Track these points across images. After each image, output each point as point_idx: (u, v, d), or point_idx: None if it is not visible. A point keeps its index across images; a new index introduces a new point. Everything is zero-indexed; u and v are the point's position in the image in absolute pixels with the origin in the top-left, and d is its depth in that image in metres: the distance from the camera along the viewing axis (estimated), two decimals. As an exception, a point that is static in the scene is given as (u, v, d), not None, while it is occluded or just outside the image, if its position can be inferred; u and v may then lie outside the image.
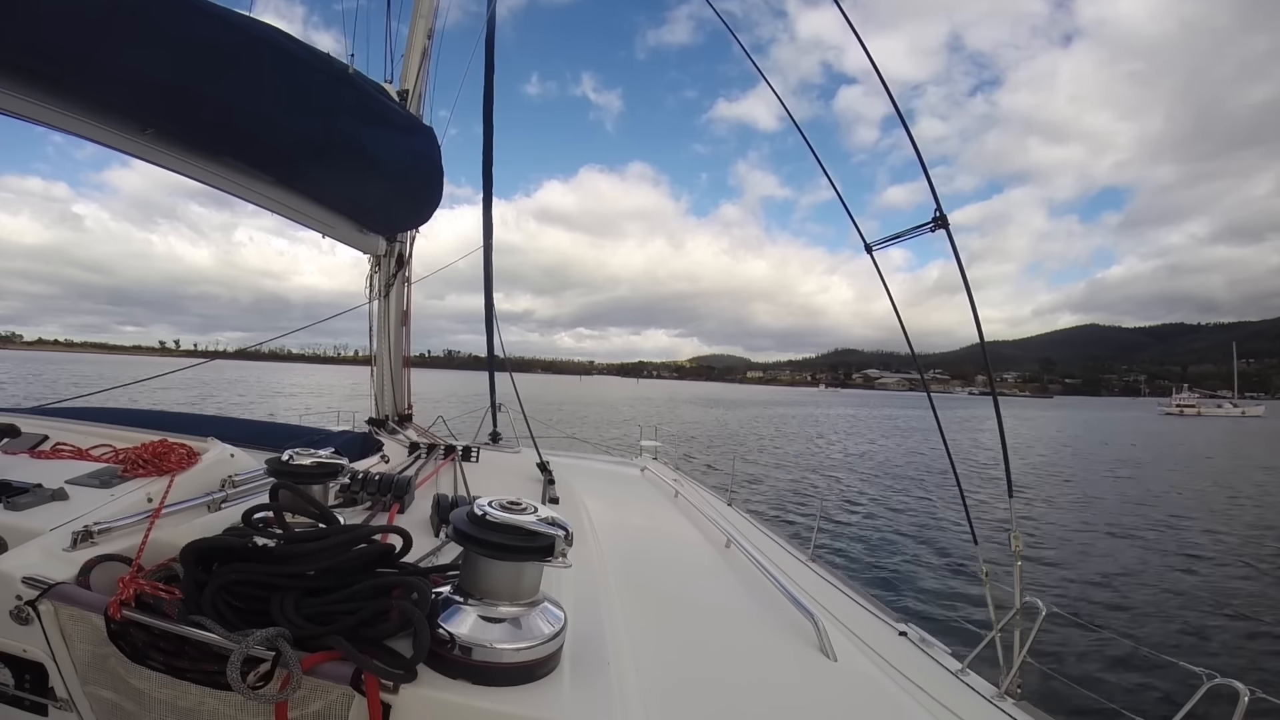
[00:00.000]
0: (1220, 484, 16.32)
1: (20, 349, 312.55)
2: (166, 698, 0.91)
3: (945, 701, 1.50)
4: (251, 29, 1.99)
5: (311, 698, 0.86)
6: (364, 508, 1.83)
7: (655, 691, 1.06)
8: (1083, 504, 12.60)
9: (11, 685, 1.05)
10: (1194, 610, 6.50)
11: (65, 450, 1.78)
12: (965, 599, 6.37)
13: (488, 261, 4.37)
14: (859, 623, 1.97)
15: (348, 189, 2.80)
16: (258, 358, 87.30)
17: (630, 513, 2.82)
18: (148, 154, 2.04)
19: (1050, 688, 3.08)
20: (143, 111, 1.94)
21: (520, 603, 0.93)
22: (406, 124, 2.85)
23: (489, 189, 4.52)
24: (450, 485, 2.42)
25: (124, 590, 0.94)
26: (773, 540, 3.03)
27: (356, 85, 2.46)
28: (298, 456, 1.33)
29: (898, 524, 10.07)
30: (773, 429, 31.46)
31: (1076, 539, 9.43)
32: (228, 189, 2.36)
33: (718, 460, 16.29)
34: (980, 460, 18.95)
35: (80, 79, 1.74)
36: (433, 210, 3.31)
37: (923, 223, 2.19)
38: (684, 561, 2.16)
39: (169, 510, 1.38)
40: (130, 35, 1.68)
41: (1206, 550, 9.02)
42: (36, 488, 1.37)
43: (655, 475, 3.66)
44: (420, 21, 3.63)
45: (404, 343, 4.00)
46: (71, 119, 1.80)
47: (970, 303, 2.17)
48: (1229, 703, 1.44)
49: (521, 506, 0.95)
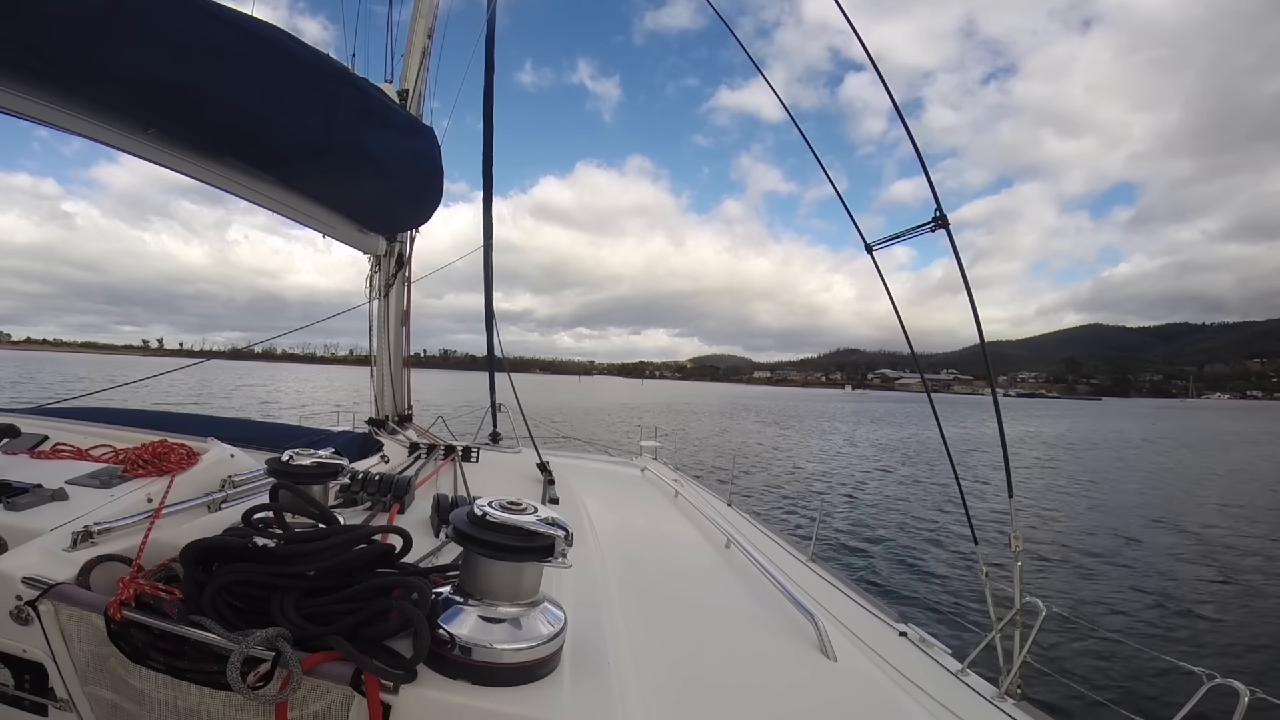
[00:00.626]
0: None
1: (6, 348, 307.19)
2: (166, 698, 0.91)
3: (945, 702, 1.50)
4: (253, 28, 1.99)
5: (311, 698, 0.86)
6: (364, 508, 1.82)
7: (655, 692, 1.06)
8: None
9: (11, 685, 1.05)
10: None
11: (65, 450, 1.78)
12: (968, 599, 6.38)
13: (488, 261, 4.38)
14: (859, 623, 1.97)
15: (348, 189, 2.81)
16: (252, 357, 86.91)
17: (630, 513, 2.82)
18: (150, 153, 2.04)
19: (1050, 688, 3.08)
20: (145, 111, 1.94)
21: (520, 603, 0.93)
22: (407, 124, 2.85)
23: (489, 189, 4.52)
24: (450, 485, 2.42)
25: (124, 590, 0.94)
26: (773, 540, 3.03)
27: (357, 85, 2.46)
28: (298, 457, 1.33)
29: (912, 527, 10.06)
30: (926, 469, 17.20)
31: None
32: (229, 189, 2.37)
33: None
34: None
35: (83, 78, 1.74)
36: (433, 210, 3.32)
37: (922, 222, 2.19)
38: (684, 562, 2.16)
39: (169, 510, 1.38)
40: (133, 34, 1.68)
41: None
42: (36, 488, 1.37)
43: (655, 475, 3.66)
44: (420, 21, 3.63)
45: (404, 343, 4.00)
46: (74, 118, 1.80)
47: (970, 303, 2.17)
48: (1229, 703, 1.44)
49: (521, 507, 0.95)
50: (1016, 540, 2.06)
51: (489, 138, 4.52)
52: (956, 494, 2.26)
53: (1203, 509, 12.60)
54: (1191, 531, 10.33)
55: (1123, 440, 31.05)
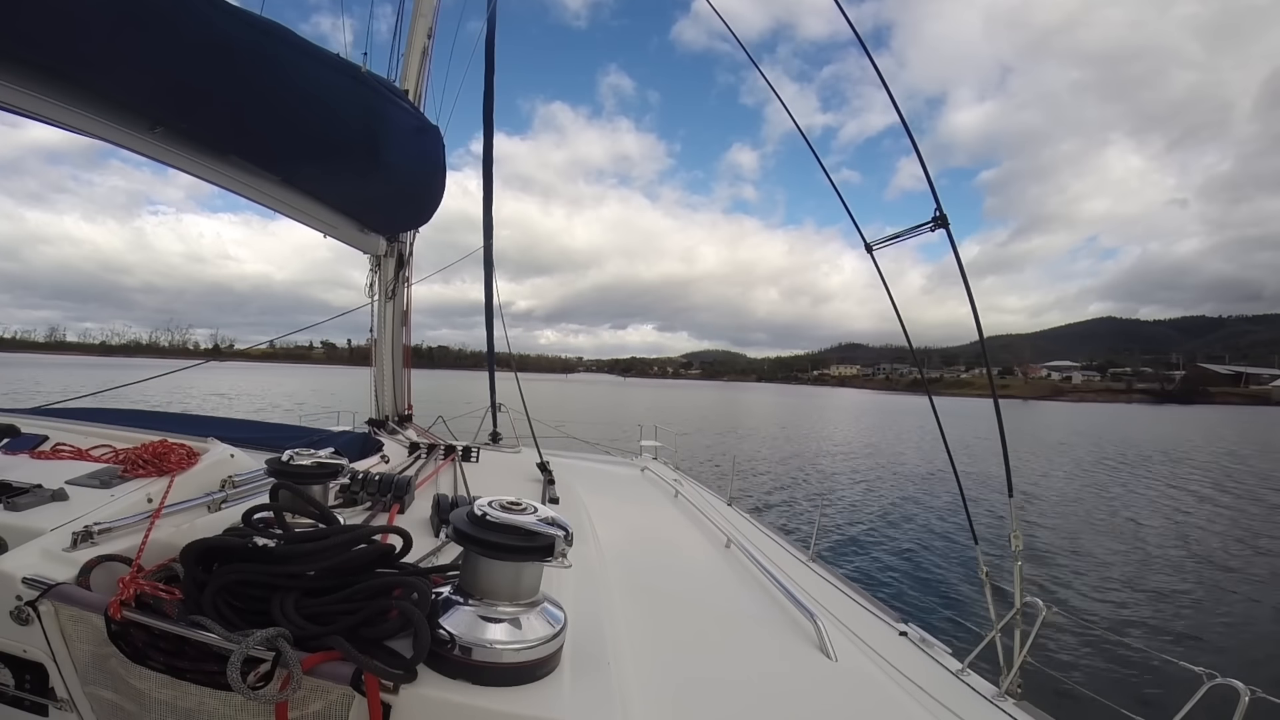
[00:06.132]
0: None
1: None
2: (167, 698, 0.91)
3: (945, 701, 1.50)
4: (265, 27, 1.99)
5: (312, 698, 0.86)
6: (364, 508, 1.82)
7: (655, 691, 1.06)
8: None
9: (12, 685, 1.05)
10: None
11: (65, 450, 1.78)
12: (970, 599, 6.37)
13: (488, 261, 4.38)
14: (859, 623, 1.97)
15: (353, 188, 2.81)
16: (249, 358, 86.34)
17: (630, 513, 2.82)
18: (155, 151, 2.04)
19: (1050, 688, 3.08)
20: (153, 109, 1.94)
21: (520, 603, 0.93)
22: (417, 123, 2.85)
23: (489, 189, 4.52)
24: (450, 485, 2.41)
25: (124, 590, 0.94)
26: (773, 540, 3.03)
27: (369, 84, 2.45)
28: (298, 457, 1.33)
29: (901, 526, 10.04)
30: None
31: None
32: (232, 187, 2.37)
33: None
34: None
35: (90, 76, 1.74)
36: (434, 210, 3.32)
37: (922, 222, 2.18)
38: (684, 561, 2.16)
39: (169, 510, 1.38)
40: (143, 32, 1.68)
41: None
42: (36, 488, 1.37)
43: (655, 475, 3.66)
44: (420, 21, 3.63)
45: (404, 342, 4.00)
46: (79, 116, 1.80)
47: (970, 302, 2.16)
48: (1229, 703, 1.44)
49: (521, 507, 0.95)
50: (1016, 540, 2.05)
51: (489, 138, 4.52)
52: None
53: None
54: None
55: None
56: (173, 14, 1.71)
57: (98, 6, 1.57)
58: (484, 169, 4.54)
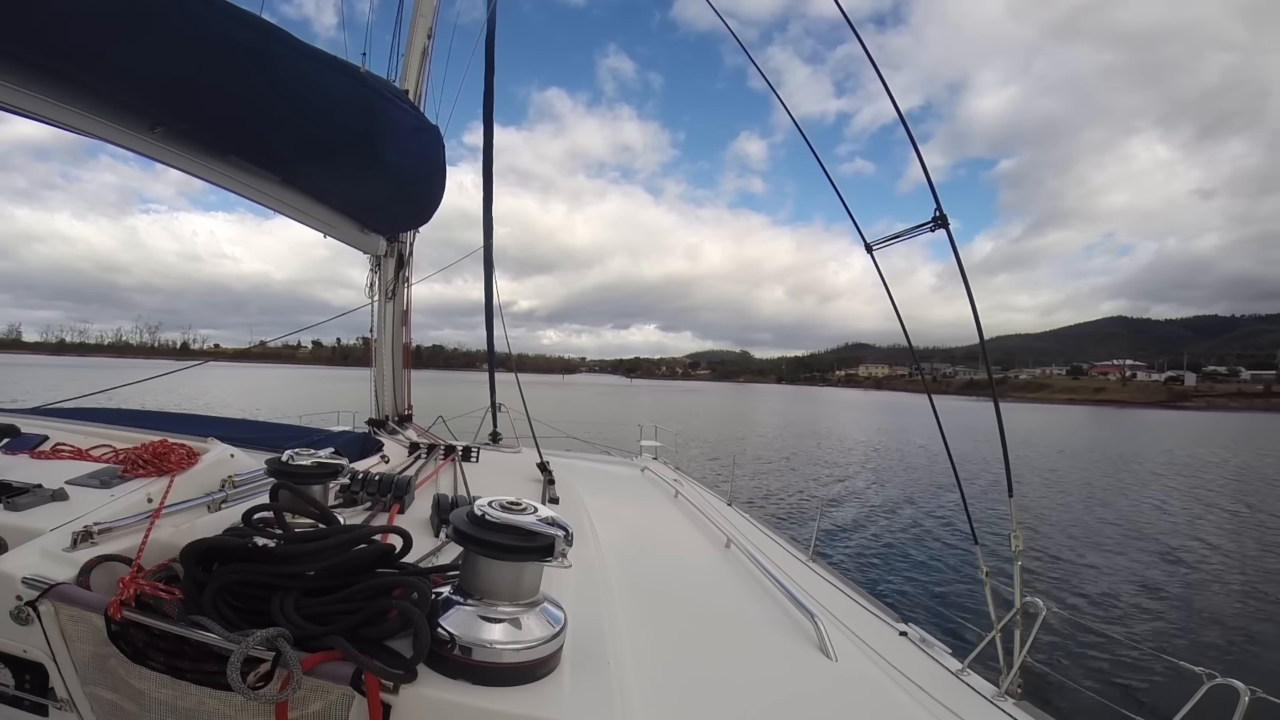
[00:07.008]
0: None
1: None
2: (166, 698, 0.91)
3: (945, 701, 1.50)
4: (265, 28, 1.99)
5: (312, 698, 0.86)
6: (364, 508, 1.82)
7: (655, 691, 1.06)
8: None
9: (12, 685, 1.05)
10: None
11: (65, 450, 1.78)
12: (970, 599, 6.37)
13: (488, 262, 4.38)
14: (859, 623, 1.97)
15: (353, 188, 2.81)
16: (247, 358, 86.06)
17: (630, 513, 2.82)
18: (155, 152, 2.04)
19: (1050, 688, 3.08)
20: (153, 109, 1.94)
21: (520, 603, 0.93)
22: (417, 122, 2.85)
23: (489, 189, 4.52)
24: (450, 485, 2.41)
25: (124, 590, 0.94)
26: (773, 540, 3.04)
27: (369, 84, 2.46)
28: (298, 457, 1.33)
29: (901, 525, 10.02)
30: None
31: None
32: (232, 188, 2.37)
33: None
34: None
35: (92, 76, 1.74)
36: (434, 209, 3.32)
37: (923, 222, 2.18)
38: (684, 561, 2.16)
39: (169, 510, 1.38)
40: (144, 32, 1.68)
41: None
42: (36, 488, 1.37)
43: (655, 475, 3.66)
44: (420, 21, 3.63)
45: (404, 342, 4.00)
46: (81, 116, 1.80)
47: (970, 303, 2.16)
48: (1229, 703, 1.44)
49: (521, 507, 0.95)
50: (1016, 540, 2.05)
51: (489, 138, 4.52)
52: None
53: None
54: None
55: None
56: (173, 15, 1.72)
57: (98, 7, 1.58)
58: (484, 169, 4.54)
